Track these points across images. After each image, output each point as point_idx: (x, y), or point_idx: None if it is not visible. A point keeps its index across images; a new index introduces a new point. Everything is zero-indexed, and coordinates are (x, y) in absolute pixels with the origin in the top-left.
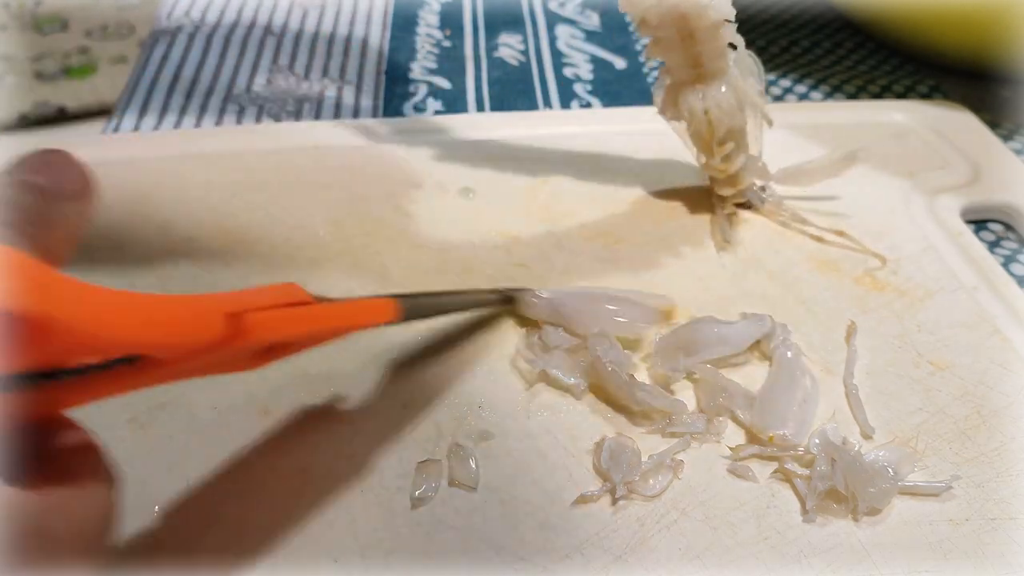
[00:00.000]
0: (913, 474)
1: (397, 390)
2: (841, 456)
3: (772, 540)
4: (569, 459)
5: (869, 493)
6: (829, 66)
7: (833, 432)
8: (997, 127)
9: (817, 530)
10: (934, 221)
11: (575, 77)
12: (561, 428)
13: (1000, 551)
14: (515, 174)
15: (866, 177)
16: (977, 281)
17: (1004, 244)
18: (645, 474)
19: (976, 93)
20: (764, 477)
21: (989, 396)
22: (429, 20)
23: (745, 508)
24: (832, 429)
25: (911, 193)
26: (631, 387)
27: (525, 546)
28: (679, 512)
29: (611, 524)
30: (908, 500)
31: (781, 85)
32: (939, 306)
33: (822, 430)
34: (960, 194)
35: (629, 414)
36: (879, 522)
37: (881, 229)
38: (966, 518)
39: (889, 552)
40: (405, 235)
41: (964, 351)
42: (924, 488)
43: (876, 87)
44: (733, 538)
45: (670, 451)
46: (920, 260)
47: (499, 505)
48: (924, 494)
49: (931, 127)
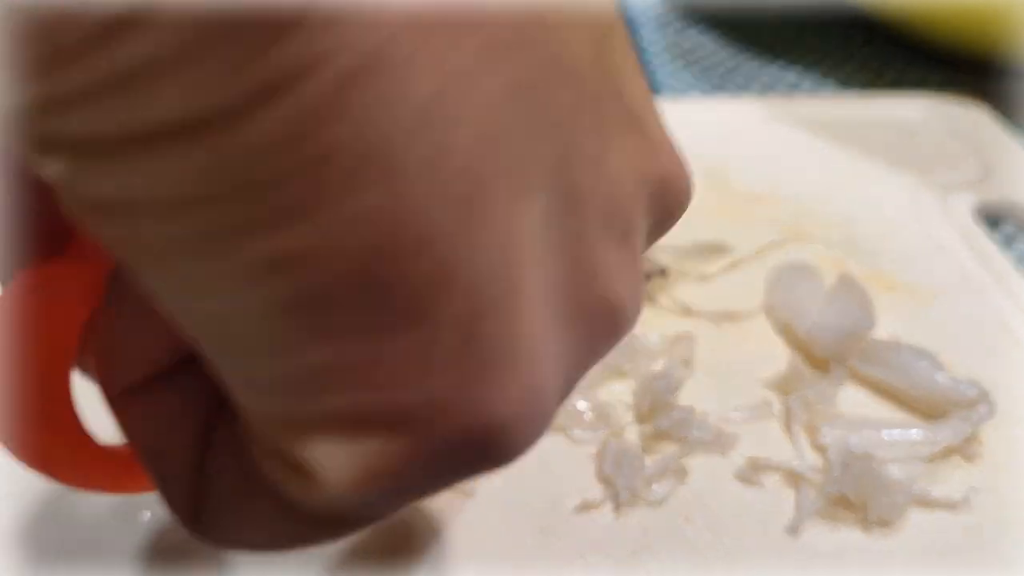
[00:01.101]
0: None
1: None
2: (855, 463)
3: (779, 547)
4: (570, 463)
5: (882, 504)
6: (839, 60)
7: (856, 442)
8: (1011, 123)
9: (825, 537)
10: (946, 219)
11: None
12: (561, 431)
13: (1000, 551)
14: None
15: (875, 173)
16: (989, 280)
17: (1017, 243)
18: (648, 479)
19: (990, 88)
20: (771, 483)
21: (999, 393)
22: None
23: (751, 514)
24: (856, 440)
25: (921, 190)
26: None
27: (525, 551)
28: (683, 518)
29: (614, 530)
30: (908, 482)
31: (790, 79)
32: (950, 306)
33: (845, 437)
34: (973, 192)
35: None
36: (889, 529)
37: (890, 227)
38: (978, 523)
39: (890, 552)
40: None
41: (975, 351)
42: (940, 500)
43: (887, 81)
44: (739, 545)
45: (674, 456)
46: (932, 258)
47: (499, 510)
48: (939, 506)
49: (943, 123)
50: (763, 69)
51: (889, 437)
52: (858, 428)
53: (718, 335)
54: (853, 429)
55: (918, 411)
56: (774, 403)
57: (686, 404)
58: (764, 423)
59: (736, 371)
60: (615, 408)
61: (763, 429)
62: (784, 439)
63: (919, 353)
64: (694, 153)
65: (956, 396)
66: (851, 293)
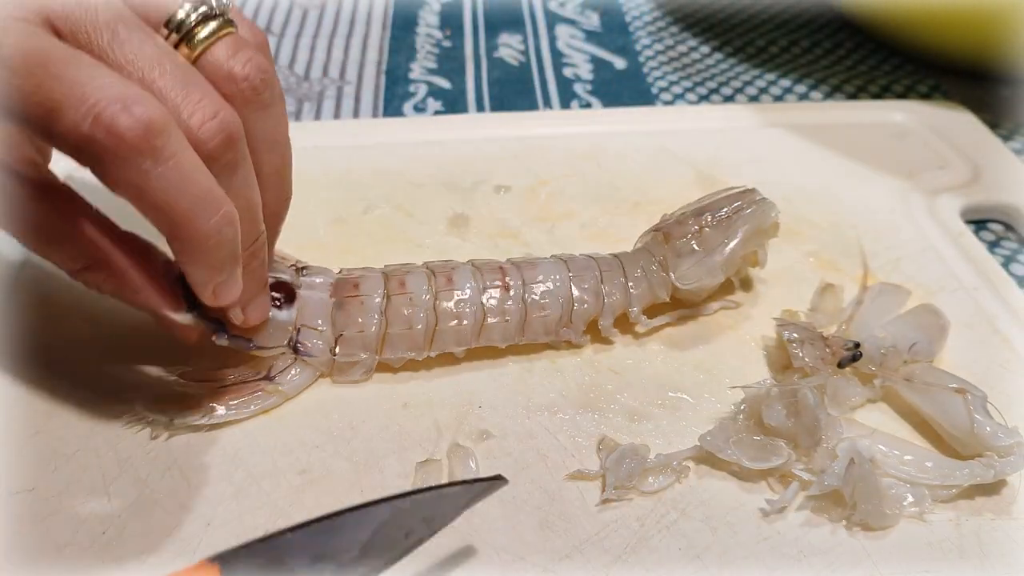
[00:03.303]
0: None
1: (397, 390)
2: (861, 463)
3: (772, 540)
4: (569, 459)
5: (870, 509)
6: (829, 66)
7: (865, 446)
8: (997, 127)
9: (817, 530)
10: (934, 221)
11: (575, 77)
12: (561, 428)
13: (1000, 551)
14: (515, 174)
15: (866, 177)
16: (977, 281)
17: (1004, 244)
18: (646, 472)
19: (976, 93)
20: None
21: (989, 396)
22: (429, 20)
23: (745, 508)
24: (865, 445)
25: (911, 193)
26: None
27: (525, 546)
28: (679, 512)
29: (611, 524)
30: (908, 499)
31: (781, 85)
32: (939, 306)
33: (853, 439)
34: (960, 194)
35: (631, 416)
36: (871, 534)
37: (881, 229)
38: (966, 518)
39: (889, 552)
40: (406, 235)
41: (964, 351)
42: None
43: (876, 87)
44: (733, 538)
45: (679, 455)
46: (920, 260)
47: (499, 505)
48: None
49: (931, 127)
50: (755, 75)
51: (900, 457)
52: (875, 438)
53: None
54: (868, 437)
55: (949, 447)
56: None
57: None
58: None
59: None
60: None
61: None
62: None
63: (963, 390)
64: (688, 157)
65: (991, 442)
66: (923, 319)
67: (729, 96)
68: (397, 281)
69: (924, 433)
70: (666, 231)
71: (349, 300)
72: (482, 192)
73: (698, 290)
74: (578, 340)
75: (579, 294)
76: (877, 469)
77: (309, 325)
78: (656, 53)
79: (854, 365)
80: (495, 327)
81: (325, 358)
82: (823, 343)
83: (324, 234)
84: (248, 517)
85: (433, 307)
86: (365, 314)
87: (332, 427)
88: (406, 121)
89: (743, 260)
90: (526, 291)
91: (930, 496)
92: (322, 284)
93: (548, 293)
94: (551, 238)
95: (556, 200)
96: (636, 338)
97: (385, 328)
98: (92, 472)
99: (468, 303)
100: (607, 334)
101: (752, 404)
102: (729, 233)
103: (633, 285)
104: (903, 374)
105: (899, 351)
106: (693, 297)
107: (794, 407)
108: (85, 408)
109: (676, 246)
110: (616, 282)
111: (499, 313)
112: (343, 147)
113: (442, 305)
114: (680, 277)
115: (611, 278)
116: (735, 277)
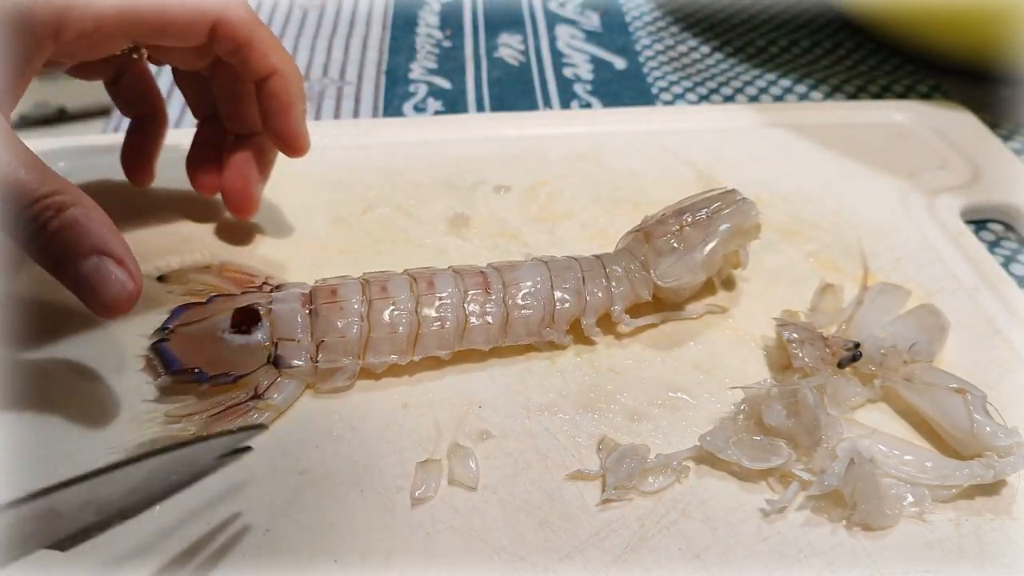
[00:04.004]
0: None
1: (397, 390)
2: (861, 463)
3: (772, 540)
4: (569, 459)
5: (871, 510)
6: (829, 66)
7: (865, 446)
8: (997, 127)
9: (817, 530)
10: (934, 221)
11: (575, 77)
12: (561, 428)
13: (1000, 551)
14: (515, 174)
15: (866, 177)
16: (977, 281)
17: (1004, 244)
18: (646, 472)
19: (976, 93)
20: (769, 479)
21: (989, 396)
22: (429, 20)
23: (745, 508)
24: (865, 445)
25: (911, 193)
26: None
27: (525, 546)
28: (679, 512)
29: (611, 524)
30: (908, 499)
31: (781, 85)
32: (939, 306)
33: (853, 439)
34: (960, 194)
35: (631, 416)
36: (871, 534)
37: (881, 229)
38: (966, 518)
39: (888, 552)
40: (406, 235)
41: (964, 351)
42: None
43: (876, 87)
44: (733, 538)
45: (679, 455)
46: (920, 260)
47: (499, 505)
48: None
49: (931, 127)
50: (755, 75)
51: (900, 457)
52: (875, 438)
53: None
54: (868, 437)
55: (949, 447)
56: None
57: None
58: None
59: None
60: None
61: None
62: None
63: (963, 390)
64: (688, 157)
65: (991, 442)
66: (923, 319)
67: (729, 96)
68: (378, 286)
69: (924, 433)
70: (647, 231)
71: (327, 306)
72: (482, 192)
73: (679, 288)
74: (561, 340)
75: (560, 294)
76: (877, 469)
77: (286, 337)
78: (656, 53)
79: (854, 365)
80: (477, 329)
81: (308, 367)
82: (823, 343)
83: (324, 234)
84: (248, 517)
85: (415, 311)
86: (345, 318)
87: (332, 427)
88: (406, 121)
89: (724, 260)
90: (507, 293)
91: (930, 496)
92: (293, 295)
93: (529, 294)
94: (551, 238)
95: (556, 200)
96: (636, 338)
97: (368, 332)
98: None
99: (450, 307)
100: (589, 333)
101: (752, 404)
102: (709, 232)
103: (615, 284)
104: (903, 374)
105: (899, 351)
106: (675, 296)
107: (794, 407)
108: (85, 408)
109: (657, 245)
110: (598, 282)
111: (481, 315)
112: (343, 147)
113: (424, 309)
114: (661, 275)
115: (592, 278)
116: (717, 278)
